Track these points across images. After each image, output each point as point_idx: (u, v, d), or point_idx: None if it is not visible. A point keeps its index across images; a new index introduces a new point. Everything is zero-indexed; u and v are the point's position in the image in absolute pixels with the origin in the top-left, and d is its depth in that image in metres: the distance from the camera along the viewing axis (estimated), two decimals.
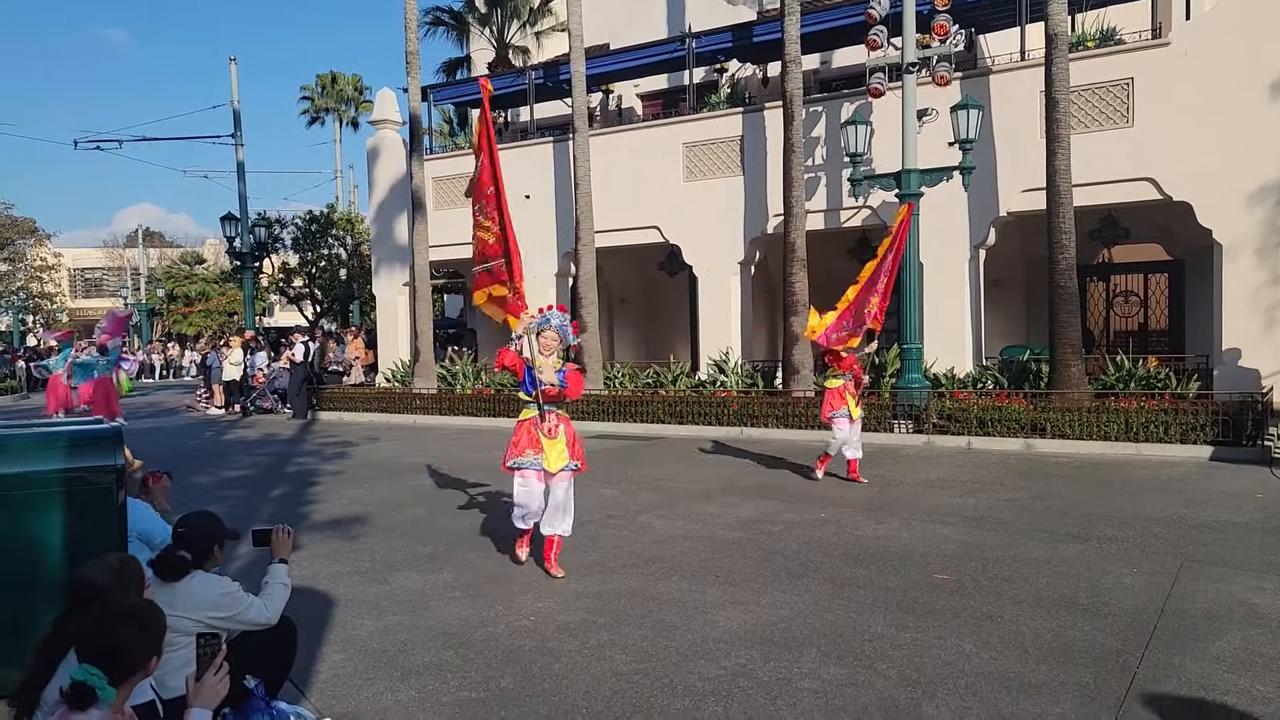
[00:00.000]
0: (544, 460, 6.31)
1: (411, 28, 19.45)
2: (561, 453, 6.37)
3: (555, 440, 6.36)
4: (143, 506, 4.39)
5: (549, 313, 6.45)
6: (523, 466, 6.36)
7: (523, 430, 6.40)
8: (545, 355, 6.38)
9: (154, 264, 53.05)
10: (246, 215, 24.80)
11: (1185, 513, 8.04)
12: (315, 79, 49.46)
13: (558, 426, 6.40)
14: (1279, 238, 12.99)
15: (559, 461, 6.36)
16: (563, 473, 6.38)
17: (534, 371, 6.33)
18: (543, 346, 6.35)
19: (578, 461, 6.48)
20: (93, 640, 2.31)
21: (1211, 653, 4.70)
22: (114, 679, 2.28)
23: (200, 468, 12.33)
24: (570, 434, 6.49)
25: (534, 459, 6.31)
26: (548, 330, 6.37)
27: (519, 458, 6.36)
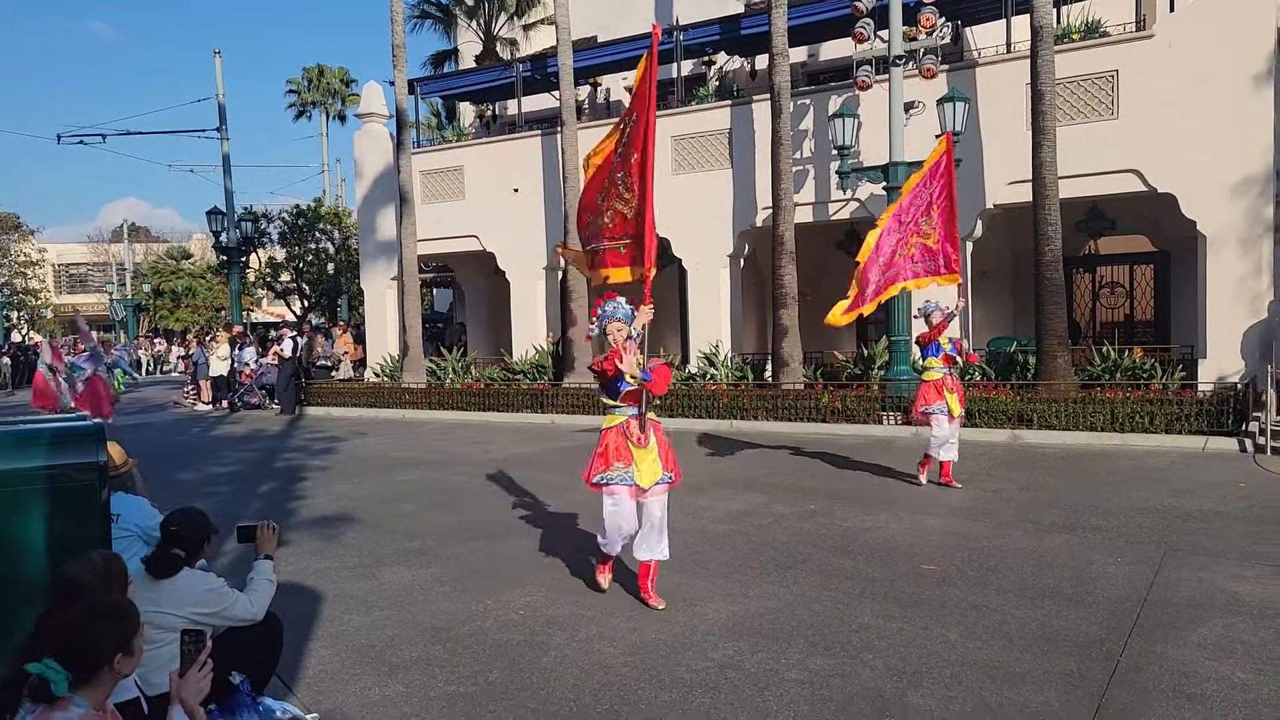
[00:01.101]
0: (635, 474, 5.46)
1: (398, 20, 19.36)
2: (654, 464, 5.53)
3: (647, 450, 5.51)
4: (142, 503, 4.38)
5: (606, 304, 5.66)
6: (612, 482, 5.50)
7: (609, 439, 5.56)
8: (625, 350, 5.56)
9: (139, 259, 52.74)
10: (233, 210, 24.68)
11: (1169, 502, 8.10)
12: (302, 72, 49.16)
13: (649, 433, 5.56)
14: (1262, 229, 13.08)
15: (652, 474, 5.52)
16: (657, 487, 5.55)
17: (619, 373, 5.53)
18: (613, 340, 5.58)
19: (672, 473, 5.63)
20: (55, 636, 2.32)
21: (1193, 640, 4.75)
22: (76, 675, 2.28)
23: (187, 464, 12.29)
24: (663, 441, 5.67)
25: (624, 473, 5.47)
26: (612, 324, 5.58)
27: (607, 472, 5.51)
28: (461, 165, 20.69)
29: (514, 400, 16.91)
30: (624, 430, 5.53)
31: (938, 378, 8.99)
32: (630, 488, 5.48)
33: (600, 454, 5.58)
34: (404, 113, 19.50)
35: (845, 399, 13.71)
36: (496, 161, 20.09)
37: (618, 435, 5.54)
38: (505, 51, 24.93)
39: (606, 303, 5.62)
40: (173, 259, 50.61)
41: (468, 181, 20.57)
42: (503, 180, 19.85)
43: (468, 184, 20.58)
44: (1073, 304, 17.89)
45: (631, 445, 5.49)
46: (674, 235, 17.93)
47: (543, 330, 19.81)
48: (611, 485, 5.51)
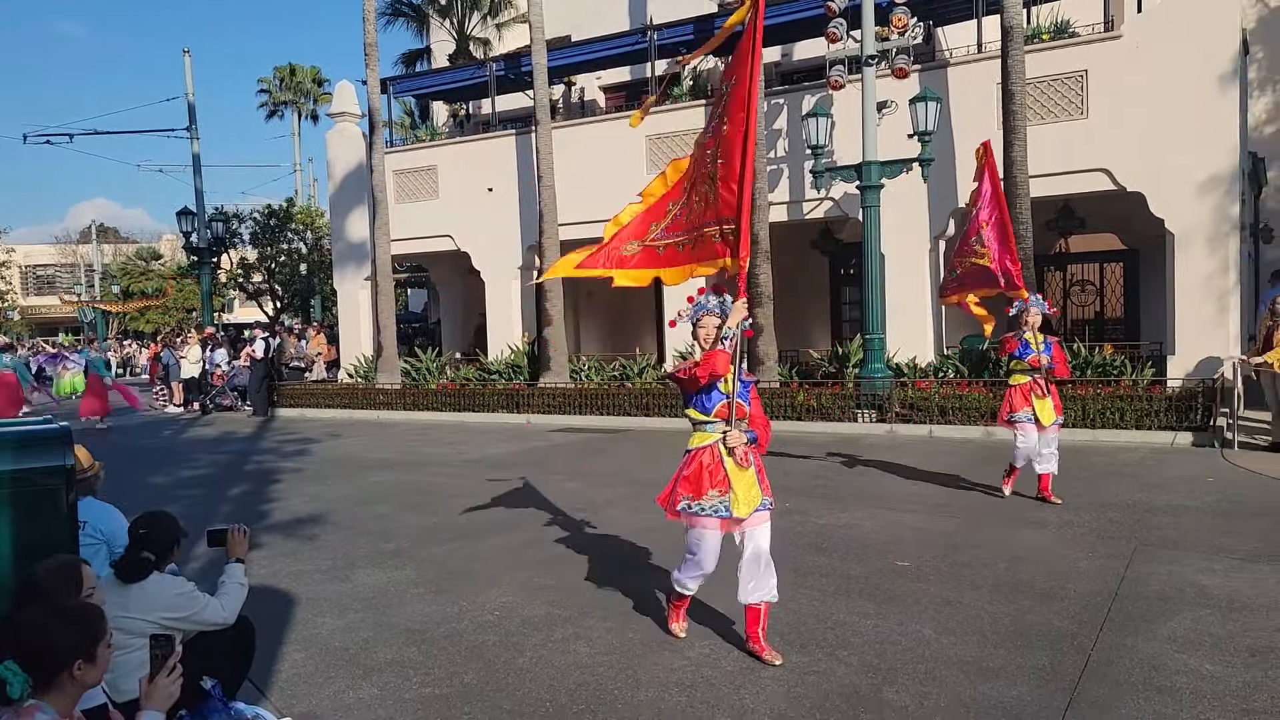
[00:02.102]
0: (732, 502, 4.61)
1: (370, 19, 19.23)
2: (752, 488, 4.68)
3: (745, 471, 4.67)
4: (108, 508, 4.32)
5: (702, 297, 4.85)
6: (703, 513, 4.65)
7: (701, 460, 4.68)
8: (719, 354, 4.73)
9: (109, 260, 52.07)
10: (203, 210, 24.42)
11: (1140, 497, 8.20)
12: (273, 71, 48.75)
13: (748, 454, 4.71)
14: (1229, 227, 13.27)
15: (751, 501, 4.65)
16: (757, 515, 4.69)
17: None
18: (703, 340, 4.77)
19: (771, 498, 4.80)
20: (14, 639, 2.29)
21: (1163, 634, 4.81)
22: (36, 679, 2.25)
23: (157, 467, 12.14)
24: (759, 464, 4.81)
25: (718, 502, 4.62)
26: (707, 318, 4.77)
27: (699, 501, 4.65)
28: (435, 165, 20.59)
29: (489, 400, 16.85)
30: (716, 450, 4.68)
31: (1024, 382, 8.20)
32: (723, 520, 4.66)
33: (688, 477, 4.71)
34: (377, 112, 19.37)
35: (820, 397, 13.77)
36: (470, 161, 20.01)
37: (712, 456, 4.68)
38: (479, 50, 24.83)
39: (707, 296, 4.82)
40: (142, 260, 50.01)
41: (441, 181, 20.47)
42: (477, 180, 19.76)
43: (441, 183, 20.48)
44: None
45: (730, 468, 4.65)
46: None
47: (518, 330, 19.75)
48: (701, 517, 4.66)
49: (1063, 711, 3.96)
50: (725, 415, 4.68)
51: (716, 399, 4.70)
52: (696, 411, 4.76)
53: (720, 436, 4.68)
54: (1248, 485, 8.70)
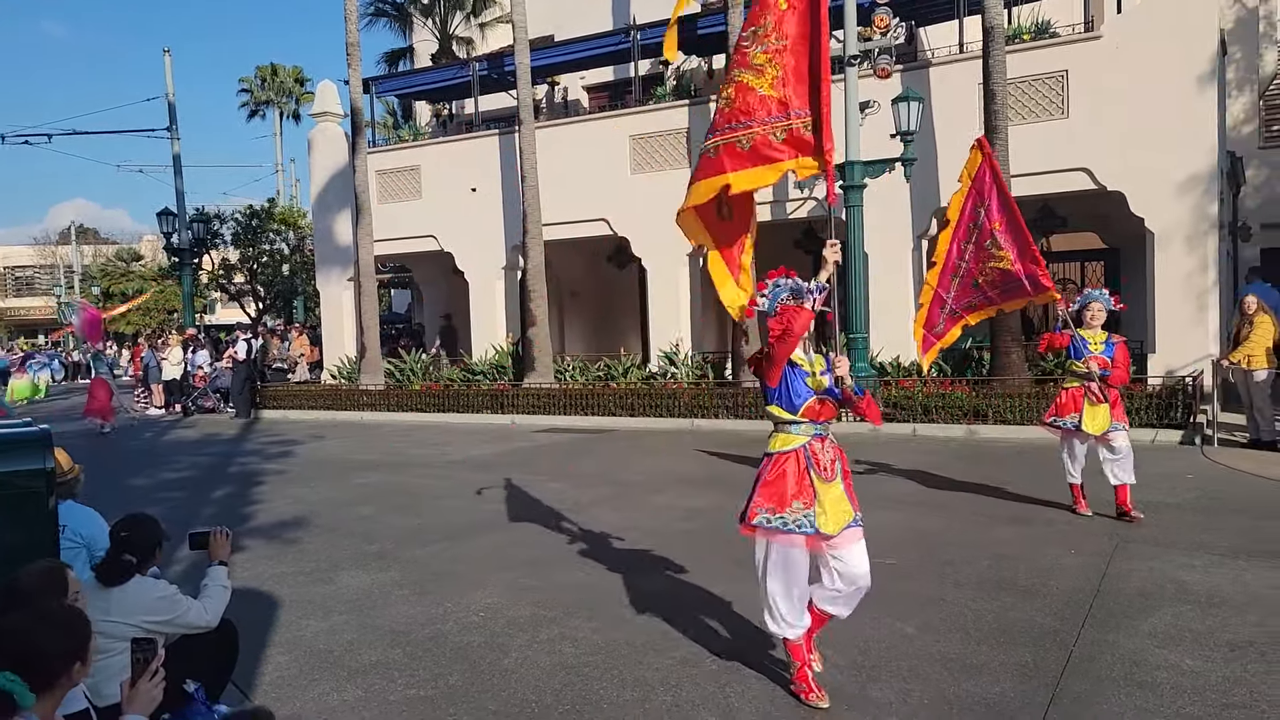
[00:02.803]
0: (817, 517, 4.02)
1: (352, 18, 19.14)
2: (842, 503, 4.10)
3: (832, 484, 4.09)
4: (89, 511, 4.29)
5: (777, 280, 4.27)
6: (785, 528, 4.03)
7: (785, 467, 4.09)
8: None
9: (88, 261, 51.64)
10: (184, 210, 24.24)
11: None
12: (255, 71, 48.40)
13: (835, 462, 4.17)
14: (1208, 226, 13.39)
15: (841, 516, 4.07)
16: (848, 532, 4.10)
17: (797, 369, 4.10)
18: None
19: (860, 513, 4.21)
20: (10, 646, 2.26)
21: (1144, 629, 4.85)
22: (34, 685, 2.23)
23: (138, 470, 12.06)
24: (848, 471, 4.25)
25: (804, 515, 4.01)
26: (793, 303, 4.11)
27: (780, 514, 4.04)
28: (418, 165, 20.52)
29: (474, 401, 16.81)
30: (806, 457, 4.09)
31: (1074, 384, 7.57)
32: (809, 537, 4.04)
33: (769, 483, 4.10)
34: (359, 112, 19.28)
35: None
36: (454, 161, 19.95)
37: (797, 464, 4.08)
38: (461, 50, 24.77)
39: (783, 279, 4.27)
40: (122, 261, 49.62)
41: (425, 181, 20.41)
42: (460, 180, 19.71)
43: (425, 184, 20.41)
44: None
45: (815, 478, 4.06)
46: (633, 234, 17.95)
47: (502, 330, 19.71)
48: (784, 533, 4.04)
49: (1045, 707, 3.99)
50: (816, 415, 4.08)
51: (805, 394, 4.05)
52: (780, 408, 4.12)
53: (807, 440, 4.07)
54: (1227, 482, 8.79)
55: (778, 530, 4.04)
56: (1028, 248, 7.41)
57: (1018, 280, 7.41)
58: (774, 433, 4.20)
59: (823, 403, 4.09)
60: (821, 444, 4.11)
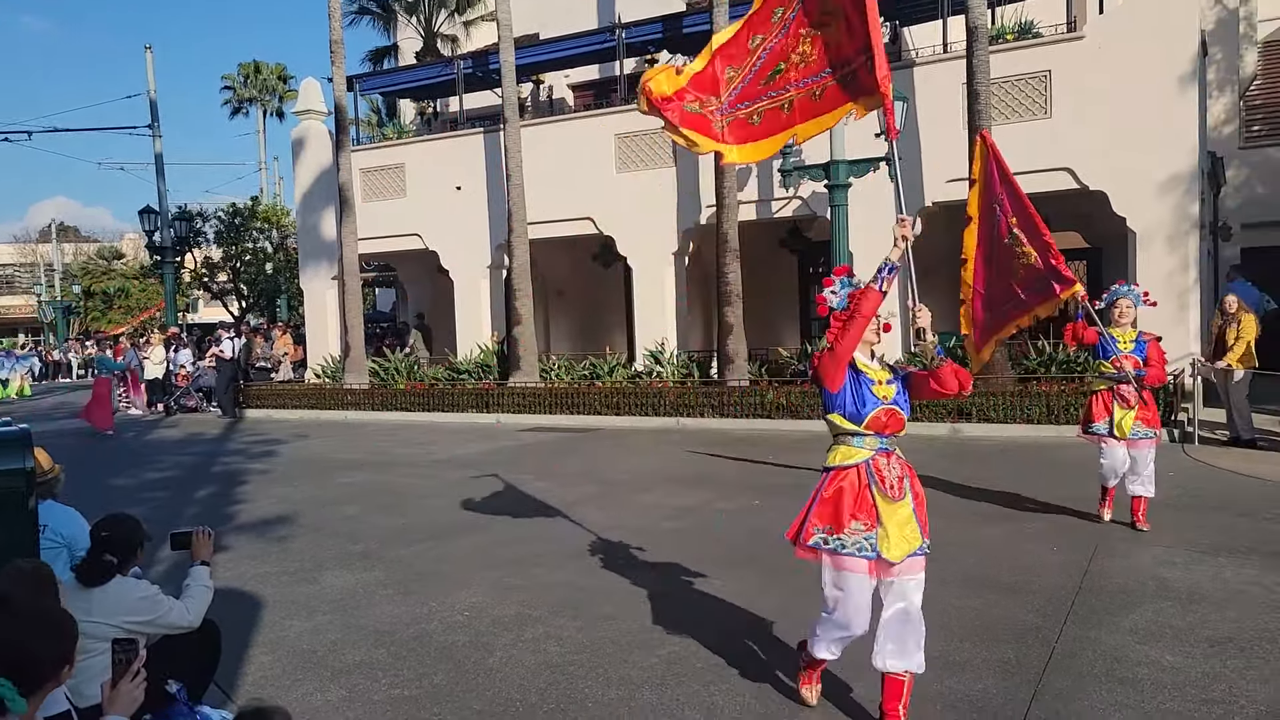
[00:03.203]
0: (880, 541, 3.67)
1: (335, 16, 19.04)
2: (907, 524, 3.74)
3: (899, 504, 3.73)
4: (69, 511, 4.26)
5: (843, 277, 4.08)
6: (844, 551, 3.70)
7: (843, 484, 3.75)
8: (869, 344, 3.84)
9: (69, 260, 51.22)
10: (166, 209, 24.08)
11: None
12: (238, 68, 48.13)
13: (903, 479, 3.80)
14: (1189, 225, 13.50)
15: (906, 542, 3.71)
16: (912, 560, 3.75)
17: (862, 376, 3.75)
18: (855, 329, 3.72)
19: (929, 540, 3.85)
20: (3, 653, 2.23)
21: (1125, 626, 4.89)
22: (24, 689, 2.20)
23: (120, 470, 11.97)
24: (919, 492, 3.88)
25: (864, 538, 3.67)
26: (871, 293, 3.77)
27: (839, 535, 3.70)
28: (403, 163, 20.44)
29: (459, 400, 16.76)
30: (869, 473, 3.73)
31: (1102, 388, 7.24)
32: (871, 561, 3.69)
33: (826, 501, 3.77)
34: (343, 110, 19.19)
35: (790, 395, 13.84)
36: (438, 159, 19.89)
37: (858, 480, 3.72)
38: (446, 48, 24.69)
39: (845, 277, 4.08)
40: (104, 259, 49.25)
41: (409, 179, 20.33)
42: (445, 178, 19.65)
43: (409, 182, 20.34)
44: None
45: (878, 496, 3.70)
46: (618, 233, 17.94)
47: (488, 329, 19.67)
48: (842, 556, 3.69)
49: (1027, 704, 4.02)
50: (882, 427, 3.70)
51: (871, 403, 3.68)
52: (841, 418, 3.74)
53: (871, 455, 3.71)
54: (1208, 480, 8.87)
55: (837, 553, 3.70)
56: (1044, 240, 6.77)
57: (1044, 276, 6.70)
58: (834, 445, 3.83)
59: (891, 414, 3.71)
60: (888, 460, 3.74)
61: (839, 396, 3.73)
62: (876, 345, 3.91)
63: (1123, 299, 7.17)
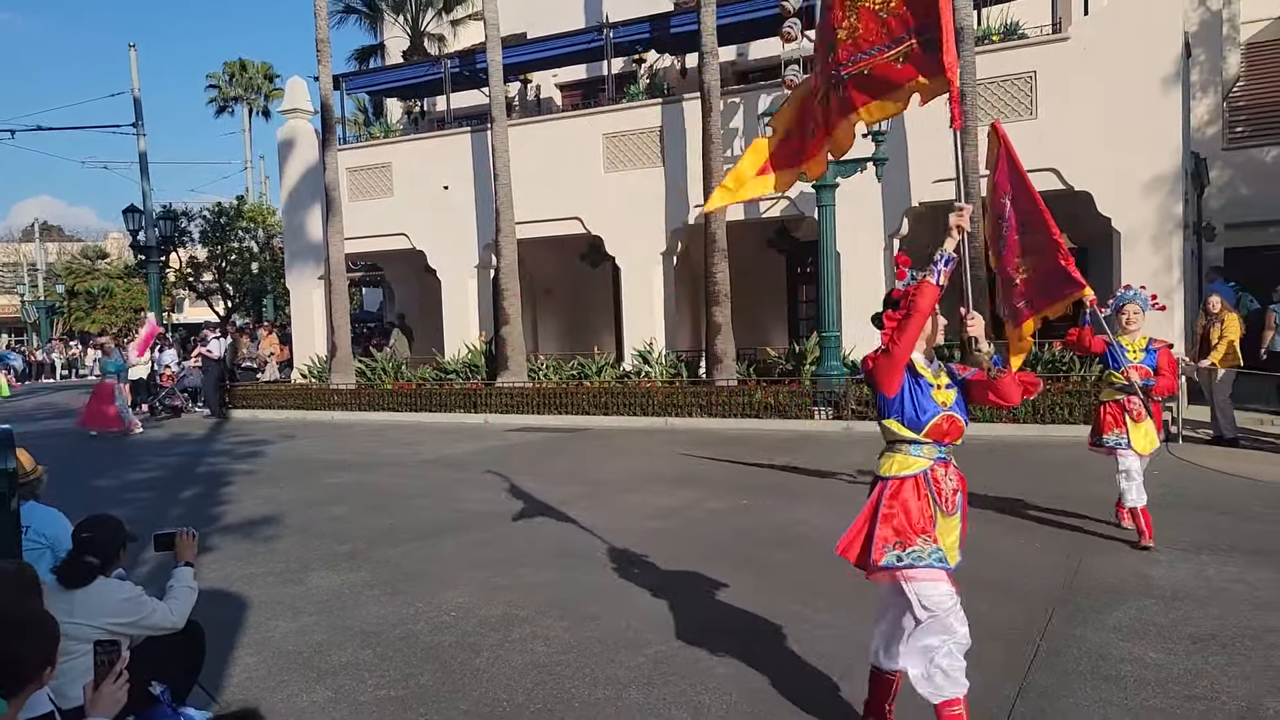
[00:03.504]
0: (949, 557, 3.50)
1: (322, 14, 18.97)
2: (954, 537, 3.59)
3: (951, 519, 3.54)
4: (52, 512, 4.24)
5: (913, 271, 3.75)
6: (921, 562, 3.43)
7: (904, 497, 3.51)
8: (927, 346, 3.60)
9: (53, 259, 50.85)
10: (150, 208, 23.93)
11: (1088, 490, 8.36)
12: (223, 66, 47.87)
13: (957, 493, 3.58)
14: (1173, 225, 13.59)
15: (953, 557, 3.56)
16: None
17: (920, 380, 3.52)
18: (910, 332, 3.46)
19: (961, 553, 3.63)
20: None
21: (1110, 623, 4.92)
22: (5, 690, 2.19)
23: (104, 470, 11.89)
24: (966, 507, 3.65)
25: (935, 551, 3.44)
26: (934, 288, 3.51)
27: (913, 548, 3.44)
28: (389, 162, 20.38)
29: (446, 400, 16.73)
30: (927, 483, 3.50)
31: (1116, 398, 6.75)
32: (947, 573, 3.49)
33: (889, 516, 3.50)
34: (329, 109, 19.12)
35: (778, 395, 13.87)
36: (426, 158, 19.84)
37: (916, 492, 3.50)
38: (433, 47, 24.60)
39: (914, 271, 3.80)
40: (88, 259, 48.92)
41: (396, 179, 20.27)
42: (432, 177, 19.60)
43: (396, 181, 20.28)
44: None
45: (937, 509, 3.49)
46: (606, 233, 17.94)
47: (475, 329, 19.63)
48: (921, 569, 3.43)
49: (1013, 701, 4.04)
50: (942, 435, 3.48)
51: (931, 409, 3.46)
52: (899, 424, 3.50)
53: (930, 464, 3.49)
54: (1191, 479, 8.93)
55: (915, 566, 3.42)
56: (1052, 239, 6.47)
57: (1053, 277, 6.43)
58: (887, 452, 3.58)
59: (951, 420, 3.48)
60: (945, 470, 3.53)
61: (896, 401, 3.48)
62: (936, 342, 3.68)
63: (1130, 304, 6.71)
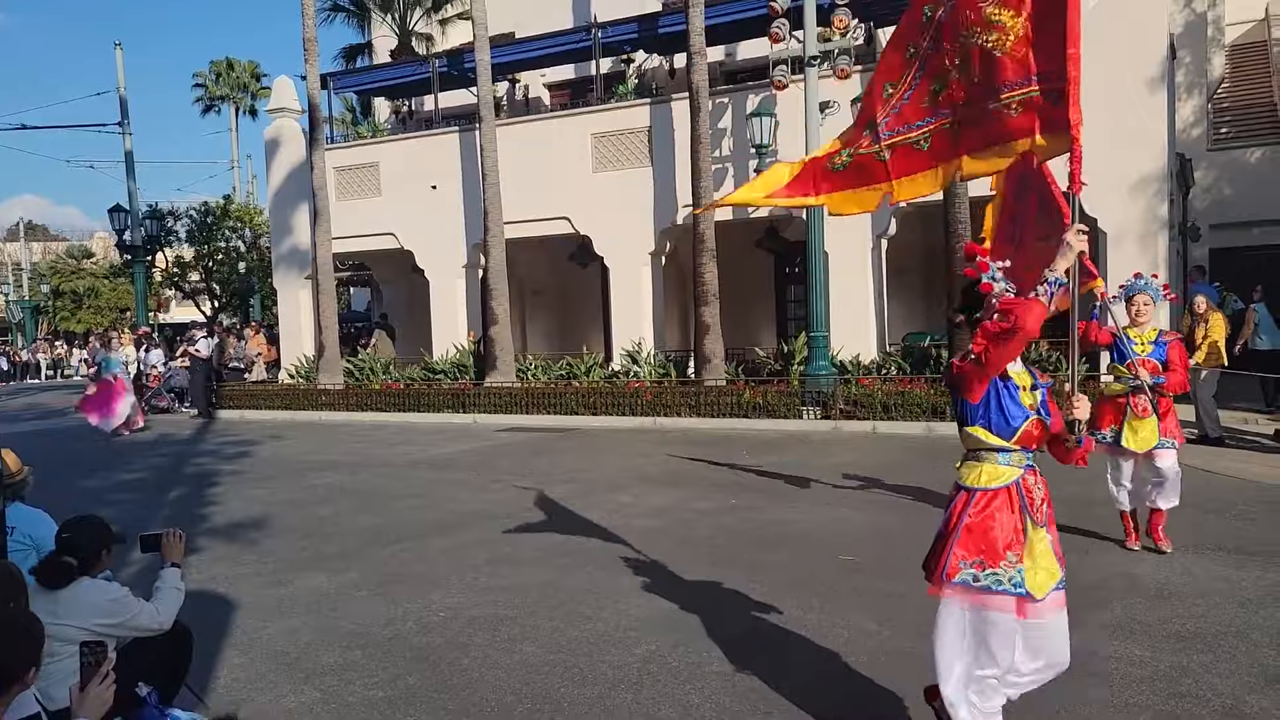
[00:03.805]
0: (1026, 573, 3.19)
1: (309, 13, 18.90)
2: (1048, 555, 3.27)
3: (1041, 529, 3.28)
4: (37, 513, 4.21)
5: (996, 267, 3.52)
6: (998, 588, 3.18)
7: (994, 509, 3.24)
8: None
9: (38, 259, 50.52)
10: (137, 207, 23.81)
11: (1075, 490, 8.38)
12: (210, 65, 47.63)
13: (1045, 502, 3.34)
14: (1158, 225, 13.69)
15: (1048, 576, 3.24)
16: (1054, 595, 3.26)
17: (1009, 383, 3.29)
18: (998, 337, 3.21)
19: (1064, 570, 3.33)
20: None
21: (1096, 621, 4.94)
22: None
23: (90, 471, 11.81)
24: (1053, 516, 3.39)
25: (1016, 573, 3.18)
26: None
27: (995, 569, 3.18)
28: (377, 162, 20.33)
29: (435, 400, 16.69)
30: (1019, 494, 3.25)
31: (1118, 392, 6.44)
32: (1020, 599, 3.18)
33: (975, 529, 3.21)
34: (317, 108, 19.05)
35: (766, 395, 13.89)
36: (413, 158, 19.80)
37: (1009, 504, 3.24)
38: (421, 46, 24.56)
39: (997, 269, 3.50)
40: (73, 258, 48.61)
41: (384, 178, 20.23)
42: (420, 177, 19.56)
43: (384, 181, 20.23)
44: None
45: (1032, 525, 3.24)
46: (595, 233, 17.94)
47: (464, 329, 19.60)
48: (993, 595, 3.17)
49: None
50: (1031, 441, 3.26)
51: (1020, 415, 3.22)
52: (985, 431, 3.27)
53: (1021, 473, 3.25)
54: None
55: (988, 591, 3.16)
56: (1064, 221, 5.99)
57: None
58: (970, 461, 3.33)
59: (1039, 425, 3.27)
60: (1034, 477, 3.30)
61: (980, 407, 3.26)
62: None
63: (1140, 294, 6.31)
